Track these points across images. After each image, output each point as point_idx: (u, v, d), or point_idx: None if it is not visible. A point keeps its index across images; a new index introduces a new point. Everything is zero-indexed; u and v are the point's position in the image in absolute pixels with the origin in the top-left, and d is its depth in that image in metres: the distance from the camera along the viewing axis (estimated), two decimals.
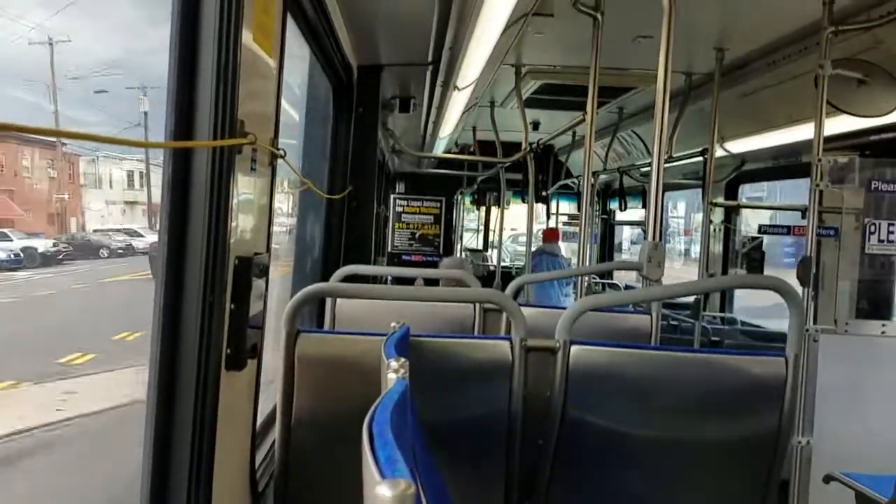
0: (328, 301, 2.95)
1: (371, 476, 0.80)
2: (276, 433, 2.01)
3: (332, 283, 2.87)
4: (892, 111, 3.42)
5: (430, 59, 3.99)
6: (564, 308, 2.14)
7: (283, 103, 2.13)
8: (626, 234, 11.39)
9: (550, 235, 8.35)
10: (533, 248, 7.96)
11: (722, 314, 6.03)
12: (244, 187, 1.76)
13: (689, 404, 1.94)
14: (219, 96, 1.54)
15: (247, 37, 1.65)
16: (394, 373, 1.31)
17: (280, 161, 2.07)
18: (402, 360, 1.35)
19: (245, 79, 1.63)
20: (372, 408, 1.06)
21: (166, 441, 1.58)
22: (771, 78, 4.26)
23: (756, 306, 6.36)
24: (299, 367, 2.02)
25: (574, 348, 1.94)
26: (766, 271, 5.09)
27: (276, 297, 2.44)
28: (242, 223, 1.77)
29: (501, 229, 8.43)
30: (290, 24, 2.23)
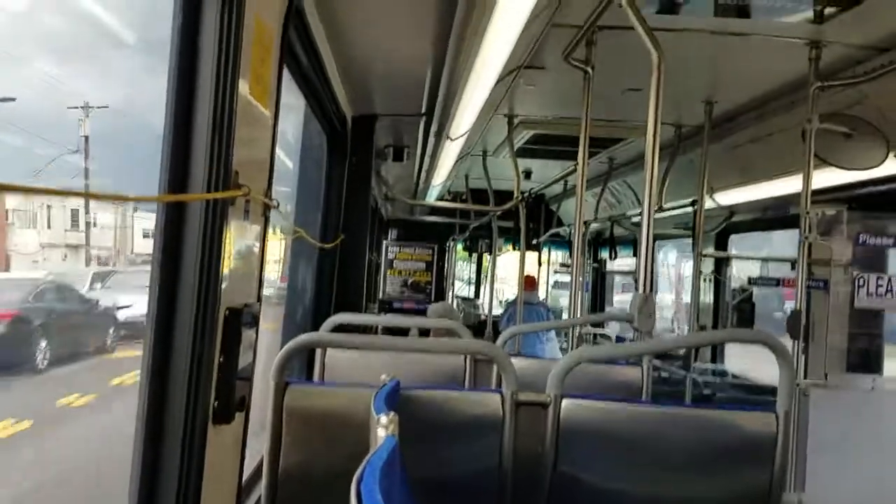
0: (318, 350, 2.93)
1: None
2: (262, 488, 1.97)
3: (322, 332, 2.85)
4: (878, 165, 3.47)
5: (423, 109, 4.04)
6: (555, 360, 2.13)
7: (277, 151, 2.14)
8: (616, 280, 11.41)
9: (527, 284, 8.22)
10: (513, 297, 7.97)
11: (713, 366, 6.02)
12: (237, 238, 1.76)
13: (681, 461, 1.93)
14: (214, 148, 1.55)
15: (243, 88, 1.67)
16: (383, 429, 1.29)
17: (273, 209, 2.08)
18: (392, 415, 1.33)
19: (240, 130, 1.65)
20: (361, 466, 1.04)
21: (150, 497, 1.55)
22: (759, 131, 4.32)
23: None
24: (287, 419, 1.99)
25: (566, 403, 1.92)
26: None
27: (265, 345, 2.42)
28: (234, 273, 1.77)
29: (493, 277, 8.43)
30: (285, 74, 2.25)
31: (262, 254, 2.02)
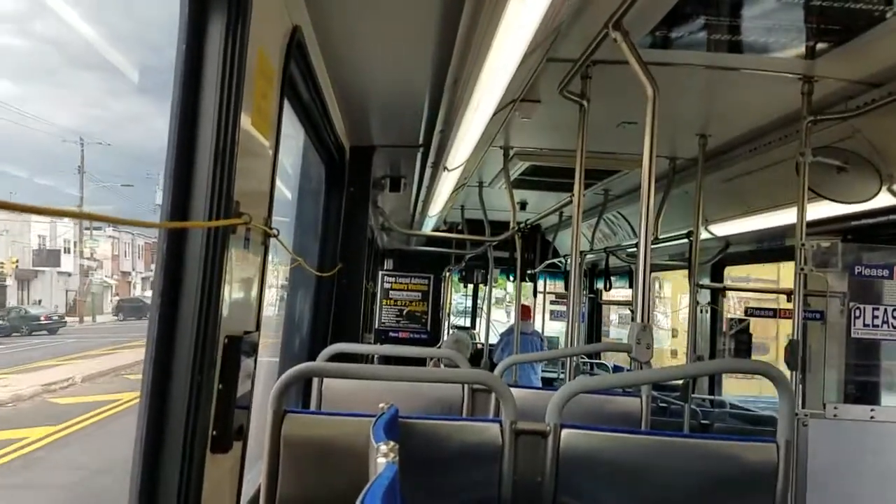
0: (315, 379, 2.92)
1: None
2: None
3: (320, 362, 2.85)
4: (871, 198, 3.50)
5: (420, 141, 4.08)
6: (553, 389, 2.13)
7: (277, 181, 2.16)
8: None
9: (523, 314, 8.29)
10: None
11: (711, 397, 6.00)
12: (237, 266, 1.77)
13: (681, 491, 1.92)
14: (216, 178, 1.56)
15: (245, 120, 1.69)
16: (383, 457, 1.29)
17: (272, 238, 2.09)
18: (392, 443, 1.34)
19: (242, 160, 1.66)
20: (362, 494, 1.04)
21: None
22: (753, 163, 4.36)
23: None
24: (285, 448, 1.99)
25: (565, 432, 1.92)
26: None
27: (262, 375, 2.41)
28: (233, 301, 1.77)
29: (489, 307, 8.43)
30: (286, 106, 2.28)
31: (262, 282, 2.03)
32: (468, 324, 13.11)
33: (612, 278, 8.18)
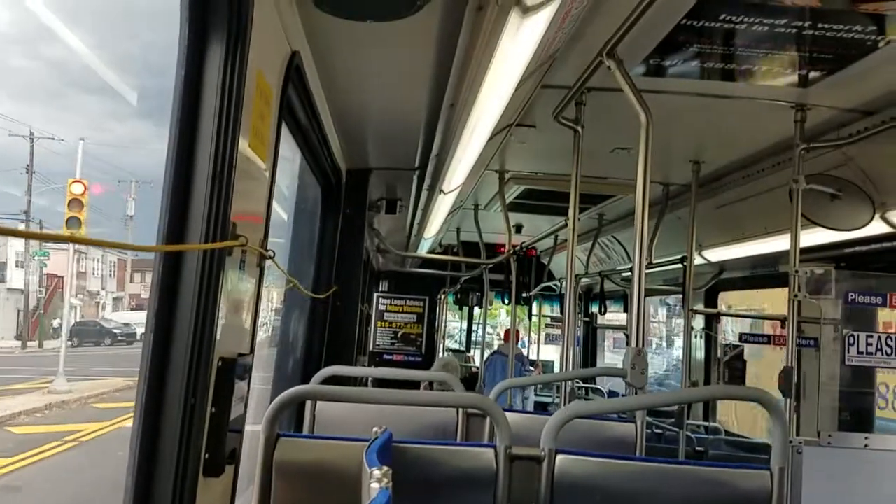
0: (308, 402, 2.90)
1: None
2: None
3: (314, 385, 2.83)
4: (864, 225, 3.52)
5: (417, 164, 4.10)
6: (548, 414, 2.12)
7: (273, 203, 2.17)
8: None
9: (508, 337, 8.37)
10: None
11: (706, 423, 5.99)
12: (232, 287, 1.77)
13: None
14: (213, 200, 1.57)
15: (243, 142, 1.70)
16: (377, 482, 1.29)
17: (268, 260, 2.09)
18: (386, 469, 1.33)
19: (239, 182, 1.67)
20: None
21: None
22: (746, 190, 4.39)
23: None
24: (277, 473, 1.97)
25: (560, 458, 1.92)
26: None
27: (255, 397, 2.40)
28: (228, 323, 1.77)
29: (485, 330, 8.43)
30: (283, 129, 2.29)
31: (257, 304, 2.03)
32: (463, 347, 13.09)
33: (607, 302, 8.20)
